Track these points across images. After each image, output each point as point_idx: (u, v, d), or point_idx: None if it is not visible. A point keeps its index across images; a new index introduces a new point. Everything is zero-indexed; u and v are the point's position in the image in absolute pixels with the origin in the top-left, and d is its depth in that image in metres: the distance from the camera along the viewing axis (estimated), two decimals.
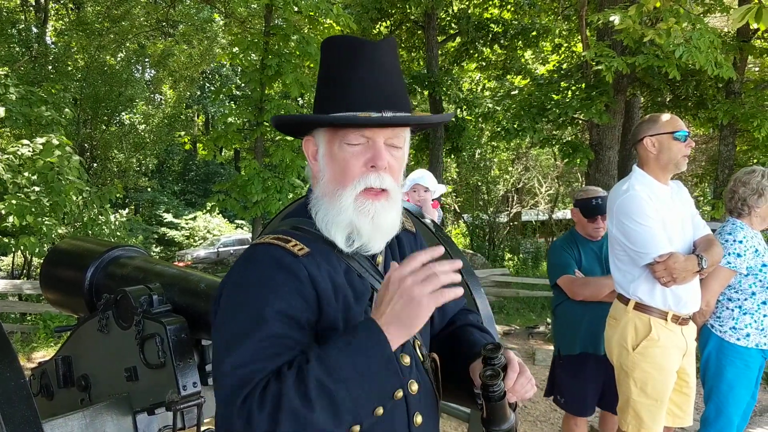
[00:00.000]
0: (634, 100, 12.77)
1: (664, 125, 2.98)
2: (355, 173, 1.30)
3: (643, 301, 2.95)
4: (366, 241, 1.32)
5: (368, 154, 1.30)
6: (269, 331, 1.19)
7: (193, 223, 26.63)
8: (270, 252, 1.28)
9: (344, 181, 1.31)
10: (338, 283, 1.30)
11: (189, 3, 20.04)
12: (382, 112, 1.27)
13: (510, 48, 16.44)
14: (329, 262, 1.30)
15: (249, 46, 11.19)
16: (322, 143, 1.35)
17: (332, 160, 1.33)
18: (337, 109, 1.29)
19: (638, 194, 2.91)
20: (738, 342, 3.33)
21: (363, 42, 1.30)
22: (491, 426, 1.36)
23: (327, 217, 1.32)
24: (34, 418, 1.34)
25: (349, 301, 1.31)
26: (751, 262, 3.30)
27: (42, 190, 8.86)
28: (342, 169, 1.31)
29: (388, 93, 1.30)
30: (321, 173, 1.36)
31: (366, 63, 1.29)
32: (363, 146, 1.30)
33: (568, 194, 25.36)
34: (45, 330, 8.20)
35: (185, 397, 1.91)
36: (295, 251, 1.27)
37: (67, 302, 2.60)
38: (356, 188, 1.30)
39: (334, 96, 1.31)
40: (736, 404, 3.33)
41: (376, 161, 1.29)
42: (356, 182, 1.30)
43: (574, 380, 3.65)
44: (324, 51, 1.35)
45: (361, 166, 1.30)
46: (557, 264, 3.76)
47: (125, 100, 22.08)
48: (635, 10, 6.56)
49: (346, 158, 1.31)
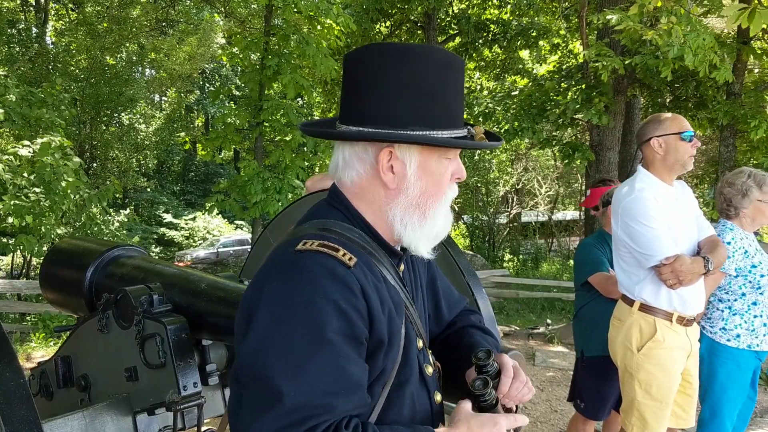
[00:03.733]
0: (634, 101, 12.77)
1: (670, 126, 2.97)
2: (446, 186, 1.34)
3: (648, 303, 2.94)
4: (435, 244, 1.36)
5: (454, 166, 1.35)
6: (332, 355, 1.12)
7: (192, 224, 26.64)
8: (320, 261, 1.19)
9: (438, 194, 1.32)
10: (383, 295, 1.26)
11: (189, 3, 20.04)
12: (468, 129, 1.32)
13: (509, 48, 16.46)
14: (372, 272, 1.26)
15: (249, 45, 11.19)
16: (413, 157, 1.29)
17: (427, 174, 1.31)
18: (440, 126, 1.28)
19: (643, 196, 2.89)
20: (728, 343, 3.33)
21: (457, 57, 1.32)
22: None
23: (421, 230, 1.31)
24: (33, 419, 1.33)
25: (392, 314, 1.27)
26: (741, 263, 3.30)
27: (41, 190, 8.86)
28: (437, 182, 1.32)
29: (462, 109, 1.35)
30: (408, 186, 1.30)
31: (461, 79, 1.33)
32: (452, 159, 1.34)
33: (567, 195, 25.38)
34: (44, 330, 8.18)
35: (186, 397, 1.89)
36: (346, 261, 1.20)
37: (66, 302, 2.59)
38: (448, 200, 1.35)
39: (437, 112, 1.28)
40: (729, 405, 3.33)
41: (462, 173, 1.35)
42: (447, 194, 1.34)
43: (597, 382, 3.60)
44: (416, 60, 1.28)
45: (449, 178, 1.35)
46: (589, 262, 3.72)
47: (125, 101, 22.09)
48: (636, 9, 6.56)
49: (442, 173, 1.32)
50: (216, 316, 2.02)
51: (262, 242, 3.10)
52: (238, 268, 4.79)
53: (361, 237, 1.30)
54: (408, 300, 1.36)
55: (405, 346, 1.31)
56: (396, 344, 1.27)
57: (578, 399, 3.75)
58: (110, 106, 21.59)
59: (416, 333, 1.37)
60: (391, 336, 1.25)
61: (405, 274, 1.42)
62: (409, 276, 1.46)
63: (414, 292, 1.45)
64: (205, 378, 2.04)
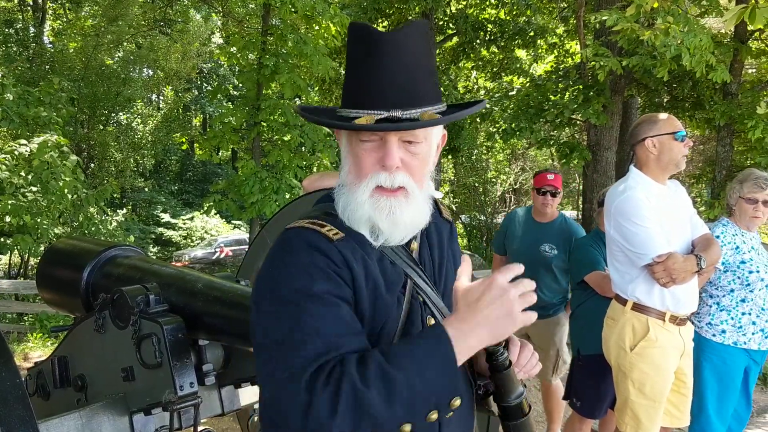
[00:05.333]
0: (631, 101, 12.78)
1: (664, 126, 2.99)
2: (368, 170, 1.29)
3: (641, 302, 2.95)
4: (387, 236, 1.31)
5: (381, 152, 1.28)
6: (322, 308, 1.18)
7: (190, 224, 26.59)
8: (303, 236, 1.27)
9: (359, 176, 1.30)
10: (370, 270, 1.28)
11: (187, 2, 20.01)
12: (391, 112, 1.24)
13: (507, 48, 16.46)
14: (363, 248, 1.29)
15: (246, 45, 11.18)
16: (343, 135, 1.34)
17: (350, 153, 1.32)
18: (348, 106, 1.29)
19: (635, 195, 2.91)
20: (713, 338, 3.37)
21: (380, 35, 1.26)
22: (502, 399, 1.35)
23: (348, 209, 1.31)
24: (29, 418, 1.34)
25: (379, 290, 1.29)
26: (730, 258, 3.35)
27: (38, 189, 8.85)
28: (356, 164, 1.31)
29: (404, 89, 1.25)
30: (343, 163, 1.36)
31: (383, 56, 1.25)
32: (376, 143, 1.28)
33: (565, 194, 25.38)
34: (41, 330, 8.18)
35: (182, 397, 1.90)
36: (329, 235, 1.26)
37: (63, 302, 2.59)
38: (369, 185, 1.29)
39: (349, 91, 1.30)
40: (716, 401, 3.36)
41: (385, 161, 1.27)
42: (369, 179, 1.29)
43: (594, 381, 3.62)
44: (348, 38, 1.32)
45: (374, 163, 1.29)
46: (585, 261, 3.75)
47: (123, 100, 22.05)
48: (633, 10, 6.56)
49: (359, 154, 1.29)
50: (212, 316, 2.03)
51: (259, 242, 3.11)
52: (236, 268, 4.79)
53: None
54: (422, 278, 1.37)
55: (406, 325, 1.32)
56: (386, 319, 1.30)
57: (574, 398, 3.77)
58: (107, 106, 21.55)
59: (429, 312, 1.37)
60: (376, 309, 1.28)
61: (423, 254, 1.43)
62: (430, 256, 1.45)
63: (435, 271, 1.45)
64: (201, 378, 2.05)
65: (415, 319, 1.35)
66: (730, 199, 3.54)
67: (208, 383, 2.09)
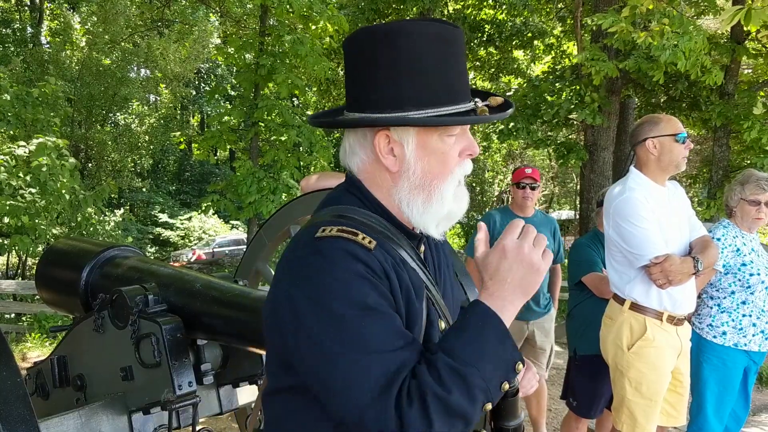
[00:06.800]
0: (628, 101, 12.81)
1: (665, 127, 2.99)
2: (454, 163, 1.29)
3: (638, 302, 2.97)
4: (445, 228, 1.32)
5: (463, 143, 1.29)
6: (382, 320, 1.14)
7: (188, 224, 26.56)
8: (341, 245, 1.19)
9: (444, 173, 1.28)
10: (403, 278, 1.26)
11: (185, 2, 19.99)
12: (475, 102, 1.27)
13: (504, 49, 16.48)
14: (391, 255, 1.26)
15: (243, 45, 11.18)
16: (410, 137, 1.27)
17: (428, 153, 1.28)
18: (442, 103, 1.24)
19: (634, 196, 2.92)
20: (714, 340, 3.37)
21: (454, 29, 1.26)
22: (502, 421, 1.36)
23: (428, 212, 1.29)
24: (30, 417, 1.35)
25: (411, 298, 1.27)
26: (730, 260, 3.35)
27: (37, 191, 8.85)
28: (441, 161, 1.28)
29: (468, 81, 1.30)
30: (409, 168, 1.28)
31: (461, 51, 1.27)
32: (458, 136, 1.29)
33: (563, 194, 25.43)
34: (40, 330, 8.18)
35: (181, 396, 1.91)
36: (366, 244, 1.20)
37: (62, 302, 2.60)
38: (456, 177, 1.29)
39: (435, 89, 1.25)
40: (715, 402, 3.37)
41: (474, 149, 1.29)
42: (455, 172, 1.29)
43: (590, 381, 3.63)
44: (408, 38, 1.25)
45: (455, 155, 1.29)
46: (583, 261, 3.77)
47: (120, 100, 22.01)
48: (628, 12, 6.58)
49: (445, 150, 1.27)
50: (211, 316, 2.04)
51: (256, 242, 3.12)
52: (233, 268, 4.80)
53: (378, 221, 1.30)
54: (430, 281, 1.36)
55: (426, 328, 1.31)
56: (415, 327, 1.27)
57: (571, 397, 3.78)
58: (104, 106, 21.50)
59: (439, 314, 1.36)
60: (409, 319, 1.25)
61: (426, 255, 1.42)
62: (432, 257, 1.46)
63: (437, 273, 1.45)
64: (200, 377, 2.06)
65: (435, 320, 1.34)
66: (731, 200, 3.52)
67: (206, 383, 2.11)
